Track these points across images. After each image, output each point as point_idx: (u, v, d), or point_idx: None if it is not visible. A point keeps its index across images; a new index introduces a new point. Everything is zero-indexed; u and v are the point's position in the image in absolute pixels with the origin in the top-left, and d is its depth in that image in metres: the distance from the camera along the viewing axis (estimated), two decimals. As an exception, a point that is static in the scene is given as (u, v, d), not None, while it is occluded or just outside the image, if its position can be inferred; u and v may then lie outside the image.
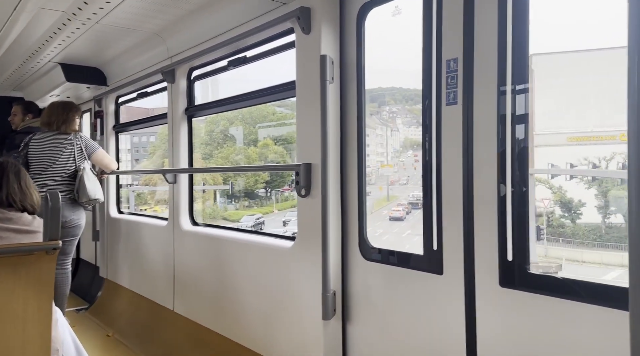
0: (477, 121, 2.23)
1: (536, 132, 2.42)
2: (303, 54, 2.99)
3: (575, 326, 1.91)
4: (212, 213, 8.65)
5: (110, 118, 5.82)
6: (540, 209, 3.40)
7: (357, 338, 2.89)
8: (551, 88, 3.06)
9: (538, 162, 2.35)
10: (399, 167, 5.09)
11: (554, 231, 3.47)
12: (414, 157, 4.86)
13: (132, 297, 5.14)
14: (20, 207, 2.64)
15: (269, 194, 8.39)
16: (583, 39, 2.91)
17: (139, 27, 4.16)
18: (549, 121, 3.11)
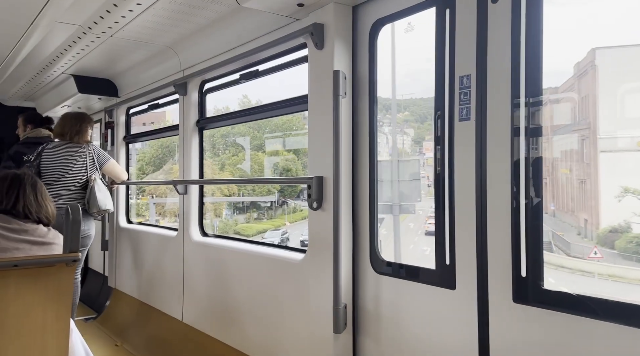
0: (490, 136, 2.26)
1: (600, 135, 2.25)
2: (316, 68, 3.04)
3: (590, 343, 1.91)
4: (223, 227, 8.56)
5: (120, 129, 5.88)
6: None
7: (368, 352, 2.89)
8: (619, 85, 2.67)
9: (603, 169, 2.19)
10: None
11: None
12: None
13: (141, 307, 5.16)
14: (35, 219, 2.67)
15: (278, 204, 8.29)
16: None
17: (152, 40, 4.22)
18: (617, 122, 2.71)
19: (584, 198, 3.20)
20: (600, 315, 1.88)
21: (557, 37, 2.37)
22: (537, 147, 2.15)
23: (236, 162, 8.78)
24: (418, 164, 4.40)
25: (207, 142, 6.52)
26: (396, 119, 5.02)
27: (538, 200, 2.13)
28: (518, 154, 2.16)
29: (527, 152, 2.14)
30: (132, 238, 5.48)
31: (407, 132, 4.97)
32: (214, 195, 8.62)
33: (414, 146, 5.05)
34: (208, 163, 8.56)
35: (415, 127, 4.83)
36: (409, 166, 4.16)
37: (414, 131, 4.93)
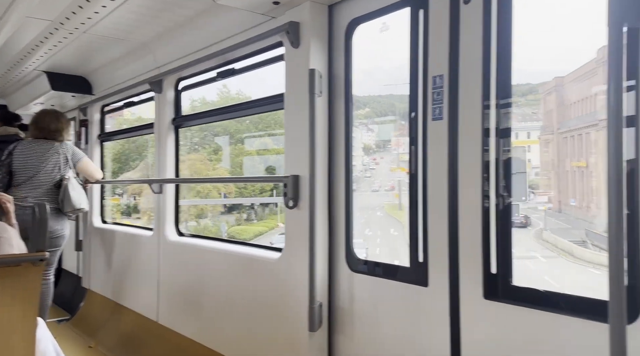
0: (462, 135, 2.29)
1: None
2: (292, 67, 3.03)
3: (557, 338, 1.95)
4: (216, 231, 8.33)
5: (95, 127, 5.78)
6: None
7: (343, 350, 2.90)
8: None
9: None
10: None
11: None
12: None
13: (115, 308, 5.08)
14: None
15: (268, 204, 8.08)
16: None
17: (126, 37, 4.16)
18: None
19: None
20: (566, 310, 1.92)
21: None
22: (508, 148, 2.19)
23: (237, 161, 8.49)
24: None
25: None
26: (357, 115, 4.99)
27: (508, 199, 2.16)
28: (488, 155, 2.19)
29: (497, 153, 2.18)
30: (106, 238, 5.40)
31: (372, 128, 4.98)
32: (209, 195, 8.33)
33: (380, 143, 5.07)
34: (201, 158, 8.28)
35: (379, 122, 4.82)
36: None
37: (378, 127, 4.92)
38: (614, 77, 1.58)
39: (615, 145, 1.59)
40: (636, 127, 1.76)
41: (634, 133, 1.78)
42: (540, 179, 3.78)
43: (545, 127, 3.84)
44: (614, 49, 1.57)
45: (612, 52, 1.58)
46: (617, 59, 1.57)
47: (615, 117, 1.58)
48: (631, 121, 1.77)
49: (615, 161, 1.59)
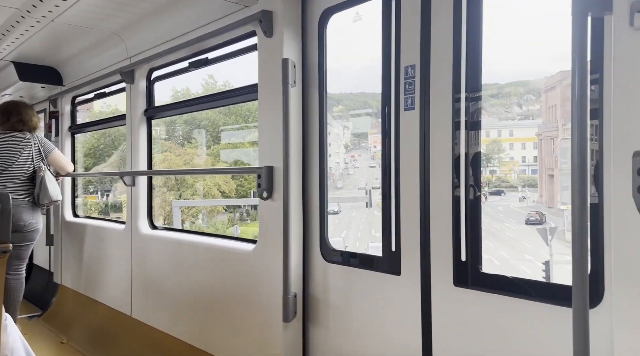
0: (433, 126, 2.30)
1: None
2: (265, 57, 3.01)
3: (524, 322, 1.99)
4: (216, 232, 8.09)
5: (65, 119, 5.65)
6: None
7: (318, 340, 2.91)
8: None
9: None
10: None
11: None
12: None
13: (88, 303, 5.00)
14: None
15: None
16: None
17: (96, 26, 4.06)
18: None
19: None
20: (533, 296, 1.96)
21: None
22: (477, 141, 2.21)
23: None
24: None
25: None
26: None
27: (477, 190, 2.19)
28: (459, 147, 2.21)
29: (466, 145, 2.20)
30: (78, 232, 5.29)
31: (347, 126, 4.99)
32: (210, 193, 7.99)
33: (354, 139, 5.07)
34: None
35: (355, 115, 4.82)
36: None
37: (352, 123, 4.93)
38: (579, 68, 1.61)
39: (579, 137, 1.62)
40: (599, 119, 1.79)
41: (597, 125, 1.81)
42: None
43: (547, 123, 3.85)
44: (577, 38, 1.60)
45: (576, 43, 1.60)
46: (581, 50, 1.60)
47: (579, 107, 1.61)
48: (595, 113, 1.81)
49: (579, 152, 1.62)
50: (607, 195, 1.76)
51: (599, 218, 1.79)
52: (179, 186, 8.25)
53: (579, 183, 1.62)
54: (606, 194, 1.76)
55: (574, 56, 1.61)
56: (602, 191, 1.79)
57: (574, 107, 1.63)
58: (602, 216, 1.78)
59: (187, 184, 8.39)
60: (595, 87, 1.80)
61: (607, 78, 1.73)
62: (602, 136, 1.78)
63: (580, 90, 1.61)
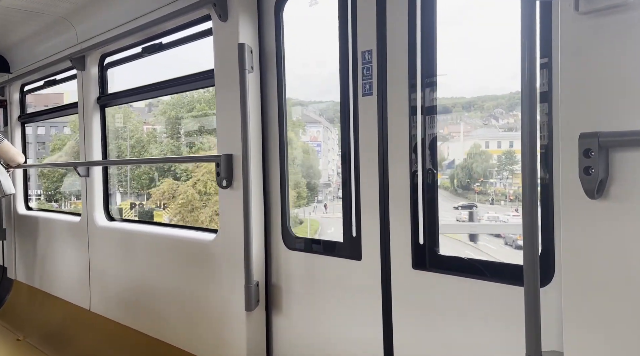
0: (390, 112, 2.31)
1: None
2: (221, 42, 2.93)
3: (479, 302, 2.04)
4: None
5: (15, 108, 5.39)
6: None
7: (282, 328, 2.91)
8: None
9: None
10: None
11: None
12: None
13: (45, 298, 4.84)
14: None
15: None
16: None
17: (44, 10, 3.88)
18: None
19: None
20: (488, 276, 2.01)
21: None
22: (433, 125, 2.23)
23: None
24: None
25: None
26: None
27: (433, 175, 2.22)
28: (416, 132, 2.22)
29: (423, 130, 2.21)
30: (32, 225, 5.10)
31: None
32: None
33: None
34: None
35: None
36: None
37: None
38: (528, 52, 1.63)
39: (529, 120, 1.65)
40: (549, 103, 1.83)
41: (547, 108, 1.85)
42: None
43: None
44: (526, 23, 1.62)
45: (524, 27, 1.62)
46: (530, 33, 1.62)
47: (529, 90, 1.64)
48: (545, 96, 1.85)
49: (529, 135, 1.65)
50: (556, 176, 1.81)
51: (549, 199, 1.84)
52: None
53: (529, 164, 1.66)
54: (555, 176, 1.81)
55: (523, 41, 1.63)
56: (552, 173, 1.84)
57: (523, 90, 1.66)
58: (552, 197, 1.83)
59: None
60: (545, 71, 1.84)
61: (555, 62, 1.77)
62: (552, 119, 1.83)
63: (529, 73, 1.64)
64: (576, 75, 1.57)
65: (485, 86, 3.30)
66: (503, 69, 3.00)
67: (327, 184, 5.01)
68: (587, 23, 1.53)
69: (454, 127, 3.57)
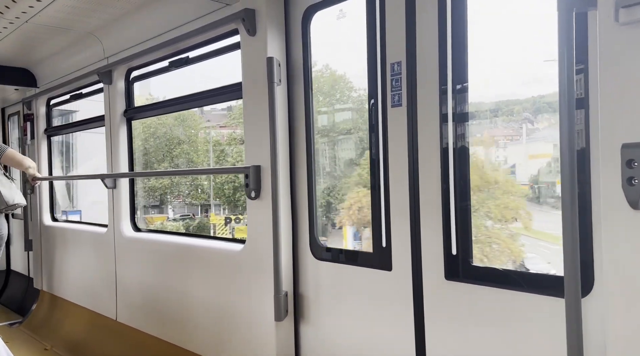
0: (420, 122, 2.32)
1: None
2: (249, 55, 2.98)
3: (516, 314, 2.03)
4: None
5: (41, 121, 5.51)
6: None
7: (310, 338, 2.91)
8: None
9: None
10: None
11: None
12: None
13: (71, 308, 4.91)
14: None
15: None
16: None
17: (72, 26, 3.97)
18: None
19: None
20: (524, 287, 2.00)
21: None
22: (464, 133, 2.24)
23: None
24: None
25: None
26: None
27: (465, 183, 2.22)
28: (447, 140, 2.23)
29: (454, 138, 2.22)
30: (58, 236, 5.18)
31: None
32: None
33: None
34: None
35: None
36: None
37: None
38: (566, 61, 1.64)
39: (568, 127, 1.65)
40: (586, 108, 1.83)
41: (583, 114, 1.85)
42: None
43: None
44: (564, 33, 1.63)
45: (562, 36, 1.63)
46: (568, 43, 1.63)
47: (567, 99, 1.64)
48: (581, 103, 1.85)
49: (568, 142, 1.65)
50: (594, 186, 1.80)
51: (587, 209, 1.83)
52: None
53: (569, 173, 1.66)
54: (594, 185, 1.81)
55: (561, 50, 1.64)
56: (589, 182, 1.83)
57: (562, 99, 1.66)
58: (590, 207, 1.82)
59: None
60: (580, 77, 1.84)
61: (591, 69, 1.77)
62: (589, 127, 1.82)
63: (568, 82, 1.65)
64: (616, 85, 1.57)
65: (501, 92, 3.30)
66: (517, 74, 3.00)
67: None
68: (627, 33, 1.54)
69: (497, 131, 3.54)
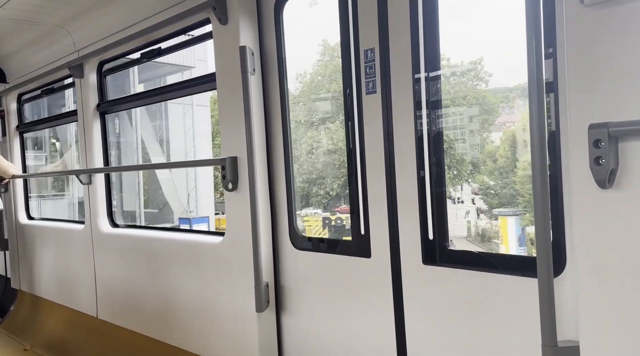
0: (395, 108, 2.32)
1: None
2: (221, 45, 2.94)
3: (492, 295, 2.06)
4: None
5: (12, 118, 5.37)
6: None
7: (292, 327, 2.92)
8: None
9: None
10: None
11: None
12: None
13: (51, 307, 4.83)
14: None
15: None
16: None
17: (39, 19, 3.87)
18: None
19: None
20: (499, 269, 2.03)
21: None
22: (438, 120, 2.25)
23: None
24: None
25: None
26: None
27: (440, 169, 2.23)
28: (421, 127, 2.24)
29: (428, 125, 2.23)
30: (35, 235, 5.09)
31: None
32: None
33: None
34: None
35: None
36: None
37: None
38: (535, 45, 1.65)
39: (537, 110, 1.67)
40: (555, 92, 1.85)
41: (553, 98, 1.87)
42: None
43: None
44: (531, 17, 1.63)
45: (529, 20, 1.64)
46: (535, 27, 1.64)
47: (536, 83, 1.65)
48: (550, 86, 1.86)
49: (538, 125, 1.67)
50: (564, 167, 1.82)
51: (557, 190, 1.86)
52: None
53: (539, 156, 1.68)
54: (563, 167, 1.83)
55: (529, 34, 1.65)
56: (559, 164, 1.86)
57: (531, 82, 1.68)
58: (561, 188, 1.85)
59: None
60: (550, 61, 1.85)
61: (560, 53, 1.79)
62: (558, 109, 1.84)
63: (537, 66, 1.66)
64: (583, 67, 1.59)
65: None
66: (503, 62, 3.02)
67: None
68: (592, 15, 1.55)
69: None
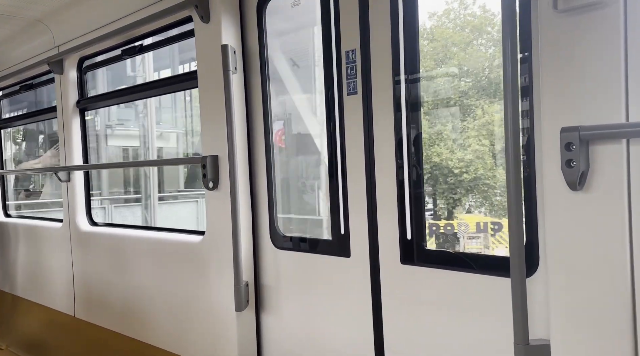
0: (375, 110, 2.34)
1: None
2: (203, 43, 2.93)
3: (466, 294, 2.09)
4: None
5: None
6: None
7: (272, 327, 2.92)
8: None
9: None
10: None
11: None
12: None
13: (28, 306, 4.76)
14: None
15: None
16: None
17: (17, 13, 3.81)
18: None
19: None
20: (475, 268, 2.06)
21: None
22: (417, 122, 2.27)
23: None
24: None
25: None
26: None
27: (419, 170, 2.26)
28: (400, 128, 2.26)
29: (407, 126, 2.25)
30: (11, 233, 5.00)
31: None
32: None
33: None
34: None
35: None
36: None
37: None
38: (510, 49, 1.68)
39: (512, 113, 1.70)
40: (530, 96, 1.89)
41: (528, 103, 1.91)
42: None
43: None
44: (507, 21, 1.67)
45: (505, 25, 1.67)
46: (511, 31, 1.67)
47: (511, 86, 1.69)
48: (526, 91, 1.90)
49: (512, 128, 1.70)
50: (537, 170, 1.86)
51: (531, 192, 1.90)
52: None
53: (513, 158, 1.71)
54: (537, 169, 1.87)
55: (505, 38, 1.68)
56: (533, 166, 1.90)
57: (506, 86, 1.71)
58: (535, 190, 1.89)
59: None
60: (525, 66, 1.89)
61: (535, 57, 1.83)
62: (533, 113, 1.88)
63: (512, 69, 1.69)
64: (556, 71, 1.62)
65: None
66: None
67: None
68: (565, 21, 1.59)
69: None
